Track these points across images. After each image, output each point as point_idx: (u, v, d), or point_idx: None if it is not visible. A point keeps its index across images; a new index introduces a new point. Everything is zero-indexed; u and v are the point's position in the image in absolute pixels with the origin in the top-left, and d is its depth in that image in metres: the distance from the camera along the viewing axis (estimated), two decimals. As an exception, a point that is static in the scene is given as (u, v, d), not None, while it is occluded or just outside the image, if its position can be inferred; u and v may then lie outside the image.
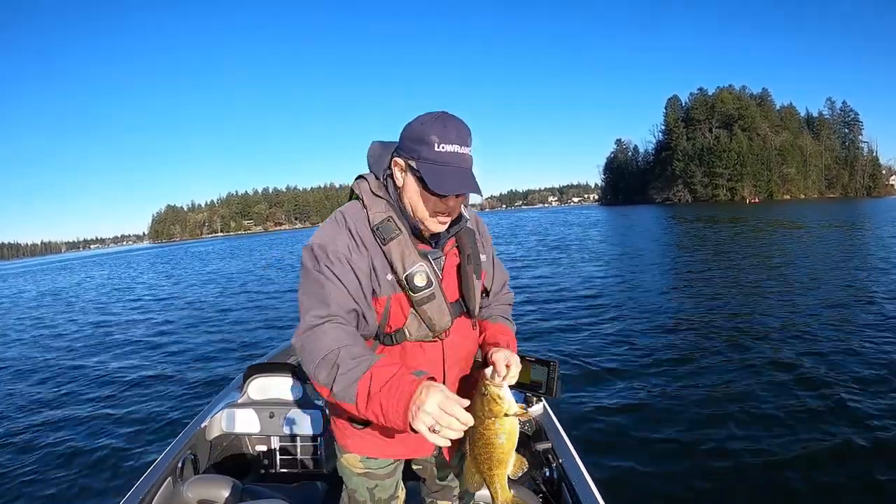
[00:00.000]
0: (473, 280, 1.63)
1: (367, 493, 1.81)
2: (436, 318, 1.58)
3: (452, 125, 1.41)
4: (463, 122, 1.44)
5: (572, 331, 8.46)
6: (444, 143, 1.38)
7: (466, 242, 1.64)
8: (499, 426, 1.50)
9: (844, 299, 9.40)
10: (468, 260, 1.63)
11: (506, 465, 1.56)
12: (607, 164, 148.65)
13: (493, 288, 1.80)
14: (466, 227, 1.66)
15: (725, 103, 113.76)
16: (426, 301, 1.55)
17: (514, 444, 1.55)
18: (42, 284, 33.83)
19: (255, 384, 3.32)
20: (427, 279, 1.53)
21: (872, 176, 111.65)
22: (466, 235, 1.65)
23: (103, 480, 4.60)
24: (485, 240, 1.76)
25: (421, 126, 1.42)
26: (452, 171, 1.40)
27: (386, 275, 1.53)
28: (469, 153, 1.43)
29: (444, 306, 1.58)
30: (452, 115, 1.45)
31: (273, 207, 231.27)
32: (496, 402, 1.46)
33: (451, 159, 1.40)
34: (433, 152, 1.39)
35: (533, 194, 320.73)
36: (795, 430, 4.57)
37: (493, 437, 1.50)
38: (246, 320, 12.04)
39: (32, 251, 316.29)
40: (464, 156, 1.42)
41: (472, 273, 1.63)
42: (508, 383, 1.50)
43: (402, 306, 1.57)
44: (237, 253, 46.69)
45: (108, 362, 9.04)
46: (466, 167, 1.43)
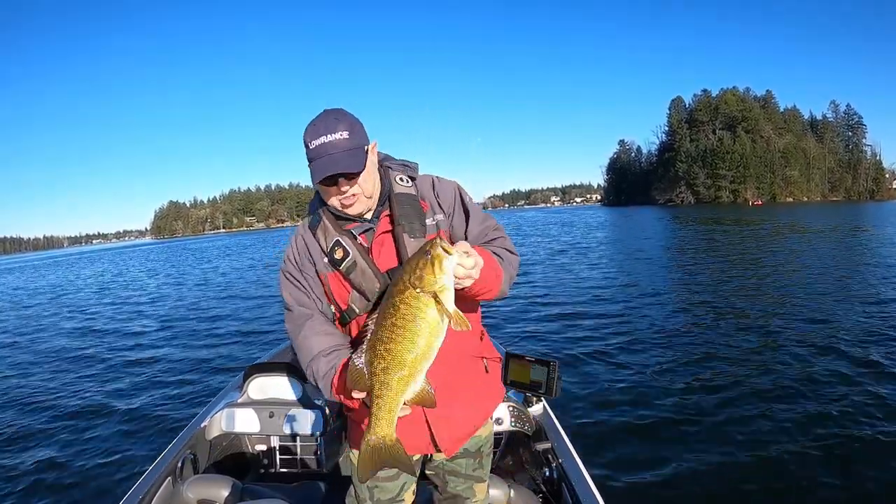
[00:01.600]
0: (407, 240, 1.63)
1: (368, 491, 1.82)
2: (365, 285, 1.64)
3: (320, 120, 1.55)
4: (338, 111, 1.58)
5: (572, 331, 8.47)
6: (312, 139, 1.53)
7: (398, 208, 1.67)
8: (417, 305, 1.28)
9: (854, 302, 9.37)
10: (397, 221, 1.65)
11: (409, 376, 1.33)
12: (610, 164, 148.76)
13: (470, 235, 1.75)
14: (400, 195, 1.69)
15: (729, 105, 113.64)
16: (351, 270, 1.64)
17: (428, 349, 1.32)
18: (43, 280, 33.94)
19: (254, 384, 3.32)
20: (344, 251, 1.64)
21: (875, 179, 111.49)
22: (400, 202, 1.68)
23: (103, 480, 4.61)
24: (442, 199, 1.76)
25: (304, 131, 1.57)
26: (321, 163, 1.52)
27: (322, 257, 1.70)
28: (338, 137, 1.52)
29: (369, 271, 1.63)
30: (328, 111, 1.59)
31: (275, 204, 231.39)
32: (430, 270, 1.26)
33: (319, 151, 1.52)
34: (309, 151, 1.54)
35: (535, 194, 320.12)
36: (796, 431, 4.57)
37: (404, 319, 1.29)
38: (246, 320, 12.06)
39: (35, 245, 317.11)
40: (330, 142, 1.52)
41: (403, 235, 1.64)
42: (460, 263, 1.31)
43: (342, 283, 1.68)
44: (238, 250, 46.71)
45: (107, 362, 9.05)
46: (334, 152, 1.52)
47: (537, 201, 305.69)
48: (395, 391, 1.33)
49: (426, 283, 1.26)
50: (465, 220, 1.76)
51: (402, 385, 1.33)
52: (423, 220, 1.68)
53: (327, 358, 1.62)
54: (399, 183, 1.72)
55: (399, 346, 1.30)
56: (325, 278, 1.71)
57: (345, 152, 1.53)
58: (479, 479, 1.94)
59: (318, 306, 1.74)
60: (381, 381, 1.33)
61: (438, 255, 1.26)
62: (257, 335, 10.18)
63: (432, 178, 1.81)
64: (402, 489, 1.85)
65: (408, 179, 1.75)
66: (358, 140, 1.57)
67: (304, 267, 1.73)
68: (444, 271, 1.26)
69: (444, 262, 1.26)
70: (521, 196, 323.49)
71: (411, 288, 1.28)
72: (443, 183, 1.80)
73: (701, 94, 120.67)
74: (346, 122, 1.56)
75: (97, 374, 8.25)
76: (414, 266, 1.28)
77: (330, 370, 1.58)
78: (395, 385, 1.33)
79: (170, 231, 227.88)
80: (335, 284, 1.70)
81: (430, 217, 1.71)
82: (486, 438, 1.91)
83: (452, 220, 1.76)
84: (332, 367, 1.58)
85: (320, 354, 1.63)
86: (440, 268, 1.26)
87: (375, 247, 1.67)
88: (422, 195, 1.74)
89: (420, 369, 1.34)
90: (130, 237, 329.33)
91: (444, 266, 1.26)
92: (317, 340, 1.66)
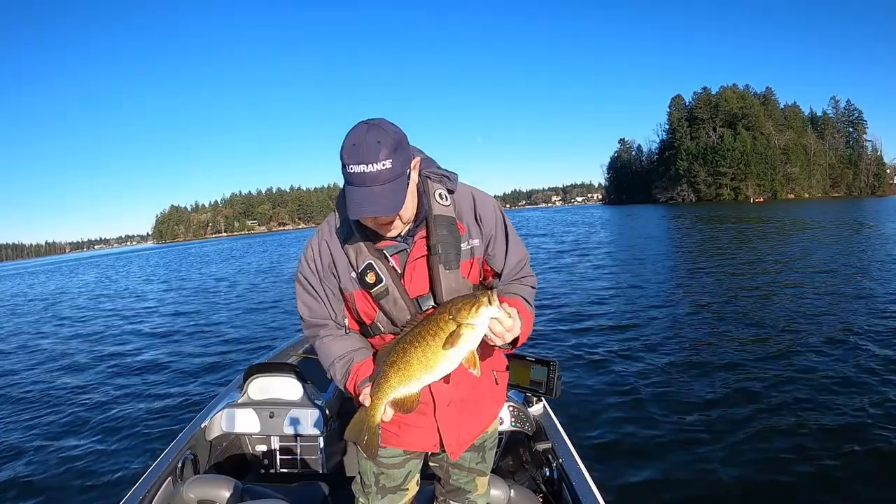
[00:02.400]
0: (441, 271, 1.61)
1: (374, 477, 1.87)
2: (394, 313, 1.63)
3: (361, 140, 1.39)
4: (378, 129, 1.42)
5: (573, 331, 8.46)
6: (352, 163, 1.39)
7: (435, 232, 1.61)
8: (445, 329, 1.43)
9: (866, 301, 9.32)
10: (434, 249, 1.60)
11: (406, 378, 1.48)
12: (611, 163, 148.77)
13: (507, 267, 1.74)
14: (439, 217, 1.63)
15: (729, 102, 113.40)
16: (382, 296, 1.61)
17: (435, 367, 1.46)
18: (46, 286, 33.97)
19: (255, 384, 3.32)
20: (377, 277, 1.59)
21: (877, 175, 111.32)
22: (439, 226, 1.62)
23: (103, 480, 4.61)
24: (483, 222, 1.70)
25: (342, 144, 1.44)
26: (358, 194, 1.41)
27: (350, 272, 1.64)
28: (379, 168, 1.39)
29: (402, 302, 1.61)
30: (369, 125, 1.42)
31: (277, 208, 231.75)
32: (469, 308, 1.40)
33: (357, 180, 1.40)
34: (346, 172, 1.42)
35: (536, 194, 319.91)
36: (797, 432, 4.55)
37: (428, 335, 1.45)
38: (246, 321, 12.06)
39: (36, 252, 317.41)
40: (370, 174, 1.39)
41: (438, 264, 1.61)
42: (499, 318, 1.42)
43: (368, 301, 1.65)
44: (239, 254, 46.75)
45: (107, 363, 9.07)
46: (375, 184, 1.40)
47: (538, 201, 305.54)
48: (390, 385, 1.48)
49: (460, 316, 1.40)
50: (504, 249, 1.73)
51: (399, 382, 1.48)
52: (459, 246, 1.64)
53: (342, 362, 1.67)
54: (438, 202, 1.64)
55: (413, 352, 1.45)
56: (350, 295, 1.67)
57: (386, 186, 1.41)
58: (480, 473, 1.97)
59: (333, 317, 1.73)
60: (385, 372, 1.49)
61: (482, 302, 1.39)
62: (257, 336, 10.19)
63: (472, 193, 1.73)
64: (406, 478, 1.90)
65: (446, 196, 1.67)
66: (401, 167, 1.43)
67: (325, 278, 1.69)
68: (479, 314, 1.39)
69: (483, 308, 1.39)
70: (523, 196, 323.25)
71: (447, 314, 1.42)
72: (484, 202, 1.72)
73: (701, 91, 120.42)
74: (389, 146, 1.40)
75: (97, 374, 8.27)
76: (459, 300, 1.44)
77: (344, 376, 1.66)
78: (393, 380, 1.48)
79: (171, 235, 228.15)
80: (361, 302, 1.67)
81: (465, 241, 1.66)
82: (490, 434, 1.95)
83: (491, 247, 1.72)
84: (347, 372, 1.66)
85: (336, 360, 1.68)
86: (477, 310, 1.39)
87: (408, 271, 1.63)
88: (459, 214, 1.67)
89: (419, 378, 1.47)
90: (132, 242, 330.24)
91: (482, 312, 1.39)
92: (335, 345, 1.71)
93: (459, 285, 1.64)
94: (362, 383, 1.59)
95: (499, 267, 1.73)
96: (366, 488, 1.90)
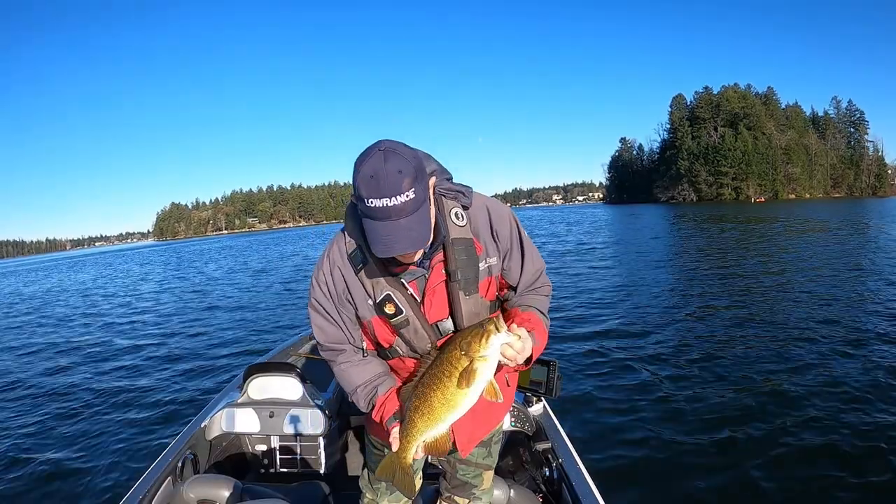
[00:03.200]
0: (461, 297, 1.59)
1: None
2: (414, 341, 1.62)
3: (381, 174, 1.31)
4: (396, 158, 1.33)
5: (573, 330, 8.45)
6: (373, 197, 1.31)
7: (453, 256, 1.57)
8: (459, 367, 1.42)
9: (875, 302, 9.31)
10: (453, 276, 1.57)
11: (433, 422, 1.47)
12: (612, 162, 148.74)
13: (522, 280, 1.71)
14: (458, 240, 1.59)
15: (731, 102, 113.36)
16: (402, 326, 1.60)
17: (457, 406, 1.45)
18: (46, 282, 33.97)
19: (255, 384, 3.32)
20: (396, 308, 1.57)
21: (878, 175, 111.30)
22: (456, 248, 1.58)
23: (104, 480, 4.61)
24: (500, 237, 1.66)
25: (356, 175, 1.35)
26: (383, 230, 1.35)
27: (367, 300, 1.62)
28: (402, 201, 1.32)
29: (422, 331, 1.60)
30: (386, 157, 1.33)
31: (278, 205, 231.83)
32: (479, 340, 1.40)
33: (381, 214, 1.33)
34: (365, 206, 1.34)
35: (537, 193, 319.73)
36: (798, 432, 4.55)
37: (444, 375, 1.44)
38: (246, 321, 12.05)
39: (37, 249, 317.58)
40: (393, 207, 1.32)
41: (458, 290, 1.58)
42: (509, 343, 1.41)
43: (387, 328, 1.64)
44: (239, 251, 46.73)
45: (107, 363, 9.06)
46: (398, 218, 1.34)
47: (539, 200, 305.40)
48: (418, 430, 1.49)
49: (472, 350, 1.40)
50: (521, 263, 1.69)
51: (426, 427, 1.48)
52: (477, 268, 1.61)
53: (365, 391, 1.68)
54: (454, 222, 1.59)
55: (433, 395, 1.45)
56: (368, 323, 1.65)
57: (412, 218, 1.35)
58: (487, 467, 2.01)
59: (350, 341, 1.71)
60: (410, 418, 1.49)
61: (489, 331, 1.39)
62: (257, 335, 10.18)
63: (487, 206, 1.67)
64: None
65: (462, 214, 1.61)
66: (423, 193, 1.37)
67: (340, 304, 1.66)
68: (489, 345, 1.39)
69: (492, 337, 1.39)
70: (524, 195, 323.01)
71: (458, 350, 1.42)
72: (500, 216, 1.67)
73: (702, 91, 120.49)
74: (411, 175, 1.33)
75: (97, 374, 8.26)
76: (467, 333, 1.43)
77: (369, 405, 1.68)
78: (420, 425, 1.48)
79: (172, 233, 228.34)
80: (380, 329, 1.65)
81: (482, 260, 1.62)
82: (497, 430, 1.99)
83: (508, 261, 1.69)
84: (371, 404, 1.67)
85: (358, 388, 1.69)
86: (487, 341, 1.39)
87: (427, 298, 1.60)
88: (476, 231, 1.63)
89: (444, 419, 1.47)
90: (133, 239, 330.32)
91: (491, 341, 1.39)
92: (355, 372, 1.70)
93: (479, 308, 1.62)
94: (389, 421, 1.59)
95: (514, 280, 1.71)
96: (374, 484, 1.94)
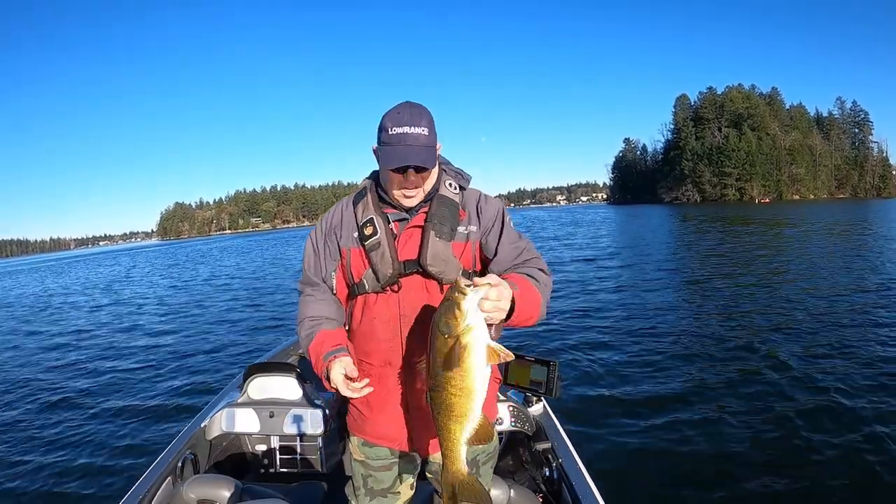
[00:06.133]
0: (433, 239, 1.68)
1: (362, 479, 1.88)
2: (380, 267, 1.70)
3: (405, 110, 1.60)
4: (420, 107, 1.63)
5: (573, 330, 8.45)
6: (395, 126, 1.57)
7: (436, 209, 1.71)
8: (450, 351, 1.31)
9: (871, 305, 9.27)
10: (430, 220, 1.69)
11: (461, 416, 1.37)
12: (616, 162, 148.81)
13: (499, 254, 1.75)
14: (443, 197, 1.74)
15: (735, 102, 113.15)
16: (374, 248, 1.71)
17: (473, 386, 1.34)
18: (47, 282, 34.07)
19: (255, 384, 3.31)
20: (374, 229, 1.72)
21: (882, 176, 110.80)
22: (441, 204, 1.73)
23: (103, 480, 4.61)
24: (483, 213, 1.78)
25: (384, 116, 1.62)
26: (400, 150, 1.58)
27: (353, 231, 1.78)
28: (419, 131, 1.58)
29: (388, 255, 1.70)
30: (411, 103, 1.64)
31: (281, 205, 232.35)
32: (452, 314, 1.29)
33: (399, 139, 1.57)
34: (387, 135, 1.58)
35: (541, 193, 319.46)
36: (798, 432, 4.54)
37: (442, 367, 1.34)
38: (246, 320, 12.06)
39: (41, 248, 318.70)
40: (411, 134, 1.57)
41: (431, 233, 1.68)
42: (484, 296, 1.33)
43: (362, 259, 1.75)
44: (241, 251, 46.81)
45: (107, 362, 9.08)
46: (415, 144, 1.58)
47: (543, 200, 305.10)
48: (452, 433, 1.39)
49: (452, 328, 1.29)
50: (498, 237, 1.76)
51: (457, 426, 1.38)
52: (456, 227, 1.72)
53: (310, 323, 1.80)
54: (447, 188, 1.76)
55: (446, 393, 1.35)
56: (347, 252, 1.79)
57: (423, 147, 1.59)
58: None
59: (324, 275, 1.85)
60: (441, 426, 1.39)
61: (456, 298, 1.28)
62: (257, 335, 10.18)
63: (481, 193, 1.84)
64: (395, 482, 1.88)
65: (457, 187, 1.79)
66: (434, 138, 1.63)
67: (329, 237, 1.83)
68: (465, 311, 1.28)
69: (462, 302, 1.28)
70: (527, 195, 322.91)
71: (441, 335, 1.31)
72: (489, 200, 1.83)
73: (706, 91, 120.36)
74: (427, 119, 1.61)
75: (97, 374, 8.27)
76: (440, 313, 1.33)
77: (306, 337, 1.78)
78: (453, 427, 1.38)
79: (176, 232, 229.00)
80: (355, 259, 1.77)
81: (463, 225, 1.74)
82: (481, 449, 1.84)
83: (488, 235, 1.77)
84: (309, 336, 1.77)
85: (307, 319, 1.81)
86: (460, 309, 1.28)
87: (403, 237, 1.73)
88: (464, 205, 1.78)
89: (470, 407, 1.36)
90: (137, 238, 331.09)
91: (465, 307, 1.28)
92: (313, 306, 1.84)
93: (447, 257, 1.69)
94: (326, 356, 1.67)
95: (491, 252, 1.76)
96: (355, 490, 1.91)
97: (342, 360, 1.64)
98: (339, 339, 1.75)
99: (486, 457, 1.89)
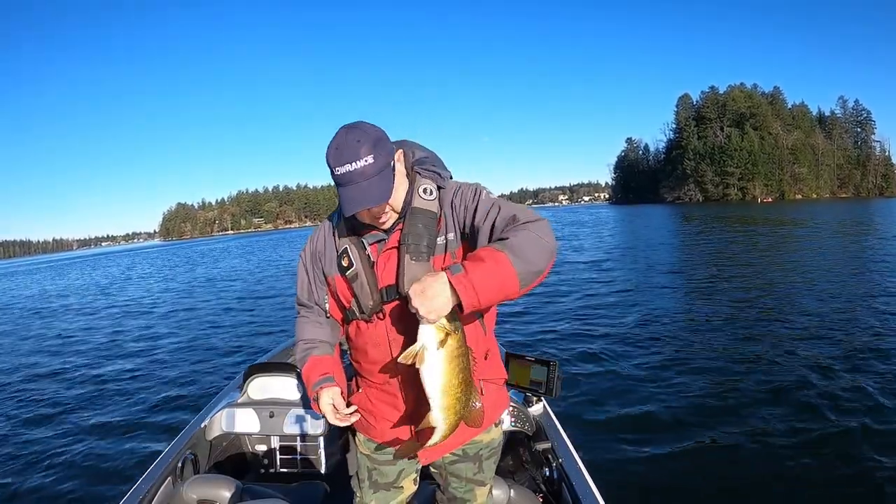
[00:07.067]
0: (408, 264, 1.62)
1: (367, 472, 1.90)
2: (362, 298, 1.70)
3: (343, 143, 1.49)
4: (356, 130, 1.51)
5: (573, 330, 8.44)
6: (337, 165, 1.49)
7: (410, 228, 1.63)
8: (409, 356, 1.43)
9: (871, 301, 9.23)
10: (404, 240, 1.63)
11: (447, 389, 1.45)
12: (618, 162, 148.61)
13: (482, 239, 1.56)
14: (417, 211, 1.64)
15: (737, 102, 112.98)
16: (353, 280, 1.70)
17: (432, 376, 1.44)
18: (50, 283, 34.12)
19: (255, 384, 3.31)
20: (349, 261, 1.70)
21: (885, 176, 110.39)
22: (414, 220, 1.64)
23: (103, 480, 4.61)
24: (457, 209, 1.65)
25: (326, 150, 1.53)
26: (350, 191, 1.51)
27: (334, 258, 1.77)
28: (363, 165, 1.47)
29: (367, 287, 1.68)
30: (347, 128, 1.53)
31: (283, 205, 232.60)
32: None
33: (347, 179, 1.49)
34: (334, 176, 1.51)
35: (543, 193, 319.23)
36: (799, 433, 4.52)
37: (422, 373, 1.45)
38: (246, 320, 12.05)
39: (44, 248, 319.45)
40: (356, 171, 1.48)
41: (406, 257, 1.62)
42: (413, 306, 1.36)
43: (347, 288, 1.74)
44: (243, 252, 46.82)
45: (107, 362, 9.09)
46: (362, 181, 1.49)
47: (545, 200, 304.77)
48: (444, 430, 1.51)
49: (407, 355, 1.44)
50: (474, 208, 1.61)
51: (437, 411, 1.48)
52: (434, 240, 1.64)
53: (304, 346, 1.85)
54: (421, 196, 1.66)
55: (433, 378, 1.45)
56: (332, 280, 1.78)
57: (372, 180, 1.50)
58: (479, 483, 1.93)
59: (316, 299, 1.86)
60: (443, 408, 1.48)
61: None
62: (257, 335, 10.18)
63: (459, 186, 1.70)
64: (399, 476, 1.89)
65: (432, 191, 1.67)
66: (383, 160, 1.52)
67: (315, 264, 1.83)
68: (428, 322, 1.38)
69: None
70: (529, 195, 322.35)
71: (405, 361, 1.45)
72: (464, 190, 1.67)
73: (708, 91, 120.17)
74: (369, 144, 1.49)
75: (97, 375, 8.27)
76: None
77: (300, 360, 1.83)
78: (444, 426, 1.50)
79: (178, 233, 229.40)
80: (341, 287, 1.76)
81: (441, 235, 1.65)
82: (485, 444, 1.88)
83: (466, 226, 1.64)
84: (302, 360, 1.83)
85: (301, 341, 1.87)
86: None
87: (381, 261, 1.68)
88: (442, 206, 1.67)
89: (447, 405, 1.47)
90: (139, 239, 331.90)
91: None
92: (306, 328, 1.88)
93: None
94: (315, 385, 1.73)
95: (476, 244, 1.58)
96: (360, 483, 1.92)
97: (329, 391, 1.70)
98: (326, 367, 1.77)
99: (489, 452, 1.90)
